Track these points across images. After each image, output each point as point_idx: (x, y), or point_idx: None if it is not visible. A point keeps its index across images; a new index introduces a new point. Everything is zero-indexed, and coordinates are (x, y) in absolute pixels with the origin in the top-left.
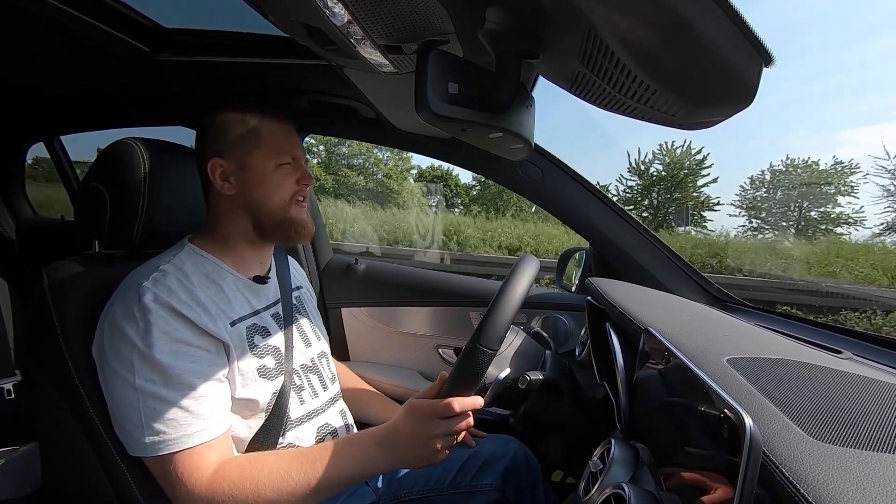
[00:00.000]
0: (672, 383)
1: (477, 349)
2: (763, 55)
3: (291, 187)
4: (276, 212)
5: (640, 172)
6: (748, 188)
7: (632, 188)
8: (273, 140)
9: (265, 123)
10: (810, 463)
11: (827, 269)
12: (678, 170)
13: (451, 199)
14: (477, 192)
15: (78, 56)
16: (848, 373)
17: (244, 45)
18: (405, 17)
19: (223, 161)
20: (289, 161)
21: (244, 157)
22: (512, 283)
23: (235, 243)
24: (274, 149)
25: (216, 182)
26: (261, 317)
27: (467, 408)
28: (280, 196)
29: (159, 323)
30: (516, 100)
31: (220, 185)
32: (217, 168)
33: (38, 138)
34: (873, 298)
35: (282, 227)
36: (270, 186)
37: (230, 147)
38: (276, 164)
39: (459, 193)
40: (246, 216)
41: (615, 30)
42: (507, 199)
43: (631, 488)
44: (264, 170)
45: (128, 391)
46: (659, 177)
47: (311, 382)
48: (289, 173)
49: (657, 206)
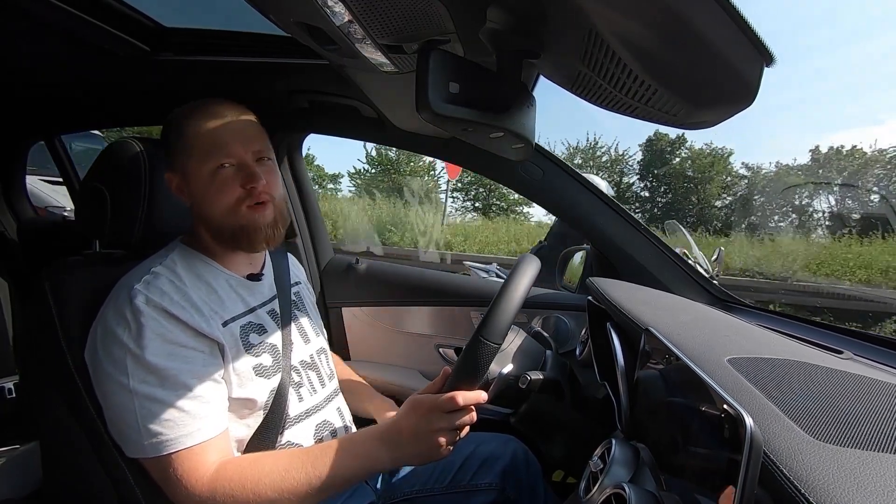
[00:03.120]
0: (673, 383)
1: (480, 342)
2: (764, 55)
3: (234, 192)
4: (225, 220)
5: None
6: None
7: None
8: (204, 143)
9: (194, 125)
10: (811, 463)
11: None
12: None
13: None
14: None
15: (79, 55)
16: (849, 373)
17: (245, 45)
18: (406, 16)
19: (173, 174)
20: (226, 162)
21: (185, 168)
22: (515, 280)
23: (212, 249)
24: (205, 153)
25: (176, 194)
26: (256, 314)
27: (470, 402)
28: (224, 202)
29: (152, 325)
30: (517, 99)
31: (180, 197)
32: (171, 181)
33: (38, 138)
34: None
35: (235, 235)
36: (210, 195)
37: (174, 158)
38: (210, 170)
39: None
40: (203, 227)
41: (616, 29)
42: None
43: (631, 488)
44: (201, 178)
45: (123, 394)
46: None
47: (309, 379)
48: (231, 177)
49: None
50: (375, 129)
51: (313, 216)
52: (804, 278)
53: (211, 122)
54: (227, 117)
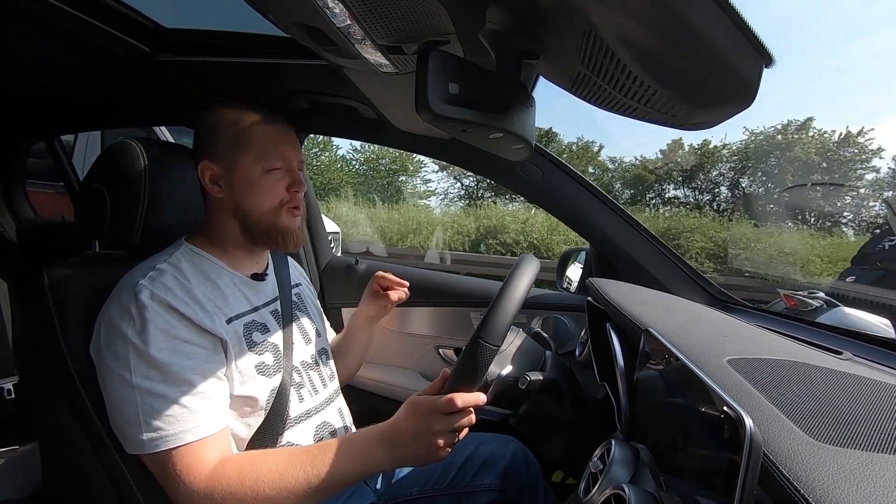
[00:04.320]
0: (672, 384)
1: (479, 344)
2: (763, 55)
3: (280, 194)
4: (264, 218)
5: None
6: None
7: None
8: (262, 143)
9: (256, 125)
10: (810, 464)
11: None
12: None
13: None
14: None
15: (78, 56)
16: (848, 373)
17: (244, 45)
18: (406, 17)
19: (213, 164)
20: (278, 166)
21: (232, 161)
22: (514, 281)
23: (228, 245)
24: (262, 153)
25: (206, 185)
26: (260, 313)
27: (469, 403)
28: (268, 203)
29: (156, 320)
30: (517, 100)
31: (209, 188)
32: (206, 171)
33: (38, 138)
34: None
35: (270, 234)
36: (258, 192)
37: (219, 149)
38: (263, 170)
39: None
40: (234, 220)
41: (616, 30)
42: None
43: (631, 489)
44: (251, 175)
45: (125, 389)
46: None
47: (310, 380)
48: (279, 179)
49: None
50: (375, 129)
51: (313, 216)
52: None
53: (270, 125)
54: (282, 124)
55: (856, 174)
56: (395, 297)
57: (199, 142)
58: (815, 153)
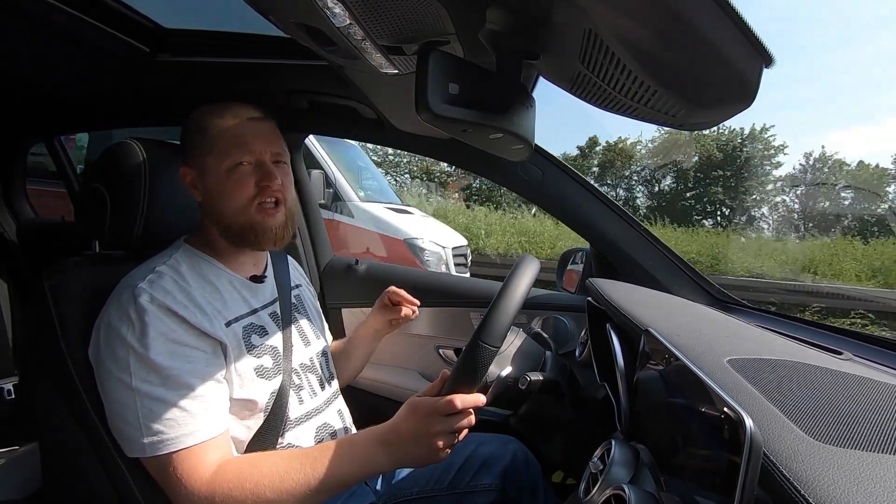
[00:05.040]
0: (672, 384)
1: (479, 345)
2: (763, 55)
3: (248, 190)
4: (236, 218)
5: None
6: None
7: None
8: (226, 140)
9: (216, 124)
10: (811, 464)
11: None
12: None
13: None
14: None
15: (78, 56)
16: (848, 373)
17: (244, 46)
18: (406, 17)
19: (189, 169)
20: (244, 161)
21: (201, 164)
22: (513, 282)
23: (219, 247)
24: (225, 150)
25: (189, 189)
26: (258, 316)
27: (469, 405)
28: (235, 201)
29: (155, 324)
30: (517, 100)
31: (191, 192)
32: (186, 175)
33: (38, 138)
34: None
35: (244, 234)
36: (225, 191)
37: (192, 154)
38: (227, 168)
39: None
40: (213, 224)
41: (616, 30)
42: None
43: (631, 489)
44: (217, 174)
45: (125, 392)
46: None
47: (310, 382)
48: (246, 175)
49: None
50: (375, 129)
51: (313, 216)
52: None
53: (235, 122)
54: (250, 119)
55: (763, 169)
56: (405, 313)
57: (181, 147)
58: (717, 150)
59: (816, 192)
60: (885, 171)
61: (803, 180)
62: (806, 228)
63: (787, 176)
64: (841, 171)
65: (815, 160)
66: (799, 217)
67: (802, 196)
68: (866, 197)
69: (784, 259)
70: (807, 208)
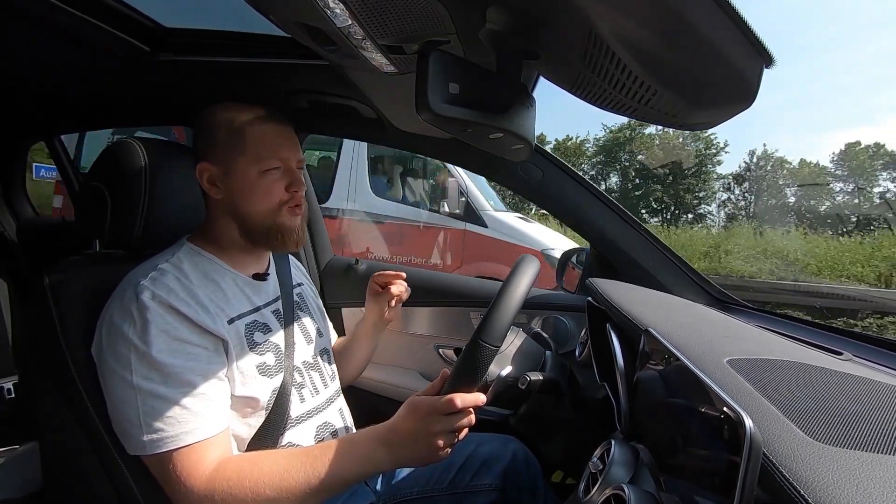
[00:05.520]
0: (672, 384)
1: (479, 345)
2: (763, 56)
3: (279, 194)
4: (263, 220)
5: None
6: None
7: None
8: (258, 145)
9: (252, 126)
10: (810, 464)
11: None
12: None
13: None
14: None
15: (78, 56)
16: (848, 374)
17: (244, 45)
18: (406, 17)
19: (210, 165)
20: (276, 166)
21: (229, 163)
22: (514, 281)
23: (228, 245)
24: (258, 154)
25: (204, 186)
26: (261, 313)
27: (469, 404)
28: (266, 204)
29: (157, 321)
30: (517, 100)
31: (208, 189)
32: (204, 172)
33: (38, 138)
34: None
35: (269, 235)
36: (255, 194)
37: (216, 150)
38: (260, 171)
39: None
40: (233, 222)
41: (616, 30)
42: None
43: (631, 489)
44: (248, 176)
45: (126, 390)
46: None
47: (311, 380)
48: (276, 180)
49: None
50: (375, 129)
51: (313, 216)
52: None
53: (266, 124)
54: (279, 123)
55: (706, 167)
56: (396, 291)
57: (197, 142)
58: (658, 147)
59: (762, 188)
60: (824, 169)
61: (749, 178)
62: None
63: (734, 174)
64: (783, 169)
65: (758, 158)
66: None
67: (750, 193)
68: (811, 193)
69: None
70: (754, 205)
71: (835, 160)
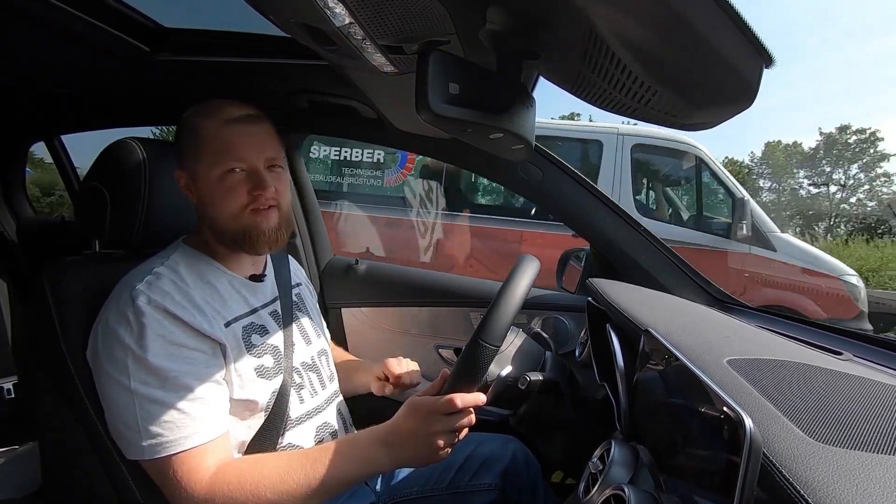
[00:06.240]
0: (672, 384)
1: (479, 345)
2: (763, 56)
3: (241, 198)
4: (229, 223)
5: None
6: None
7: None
8: (217, 147)
9: (212, 129)
10: (810, 464)
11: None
12: None
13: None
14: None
15: (78, 55)
16: (848, 374)
17: (244, 45)
18: (406, 17)
19: (182, 171)
20: (235, 167)
21: (193, 168)
22: (513, 281)
23: (218, 248)
24: (216, 157)
25: (183, 191)
26: (259, 315)
27: (469, 404)
28: (229, 208)
29: (154, 325)
30: (517, 100)
31: (187, 195)
32: (180, 178)
33: (38, 138)
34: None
35: (238, 238)
36: (218, 198)
37: (184, 157)
38: (219, 174)
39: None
40: (206, 227)
41: (616, 30)
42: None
43: (631, 489)
44: (209, 181)
45: (123, 395)
46: None
47: (310, 381)
48: (239, 182)
49: None
50: (375, 129)
51: (313, 216)
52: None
53: (225, 125)
54: (242, 122)
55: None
56: (406, 381)
57: (177, 149)
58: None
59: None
60: (744, 166)
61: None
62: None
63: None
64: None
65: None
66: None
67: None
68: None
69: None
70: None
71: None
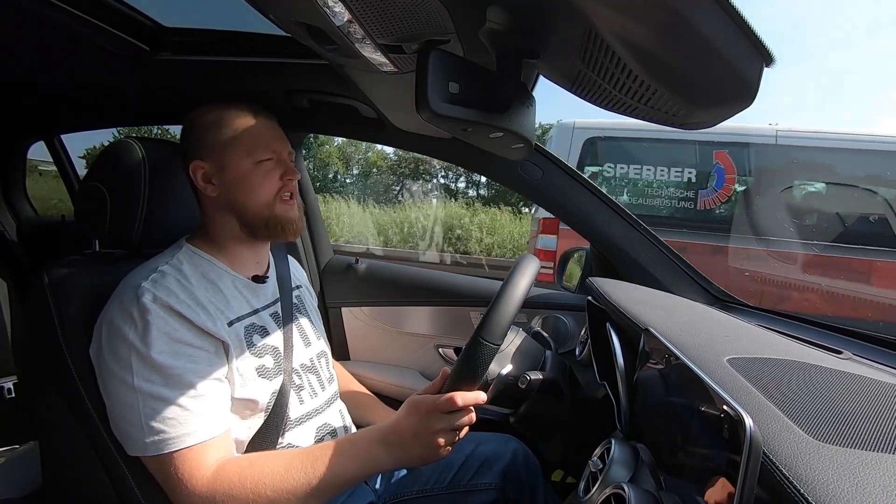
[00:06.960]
0: (672, 383)
1: (479, 343)
2: (763, 55)
3: (275, 184)
4: (261, 210)
5: None
6: None
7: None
8: (250, 137)
9: (240, 121)
10: (810, 463)
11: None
12: None
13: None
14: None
15: (78, 55)
16: (848, 373)
17: (244, 44)
18: (406, 16)
19: (203, 163)
20: (269, 157)
21: (222, 158)
22: (514, 280)
23: (228, 244)
24: (251, 146)
25: (199, 184)
26: (259, 316)
27: (469, 402)
28: (262, 194)
29: (158, 323)
30: (517, 99)
31: (202, 187)
32: (198, 170)
33: (38, 137)
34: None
35: (269, 225)
36: (251, 185)
37: (208, 148)
38: (254, 162)
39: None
40: (232, 216)
41: (616, 29)
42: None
43: (631, 488)
44: (242, 168)
45: (126, 392)
46: None
47: (310, 382)
48: (270, 170)
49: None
50: (375, 129)
51: (313, 215)
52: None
53: (257, 119)
54: (266, 117)
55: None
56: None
57: (187, 142)
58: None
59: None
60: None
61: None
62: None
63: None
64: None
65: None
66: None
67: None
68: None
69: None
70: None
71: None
